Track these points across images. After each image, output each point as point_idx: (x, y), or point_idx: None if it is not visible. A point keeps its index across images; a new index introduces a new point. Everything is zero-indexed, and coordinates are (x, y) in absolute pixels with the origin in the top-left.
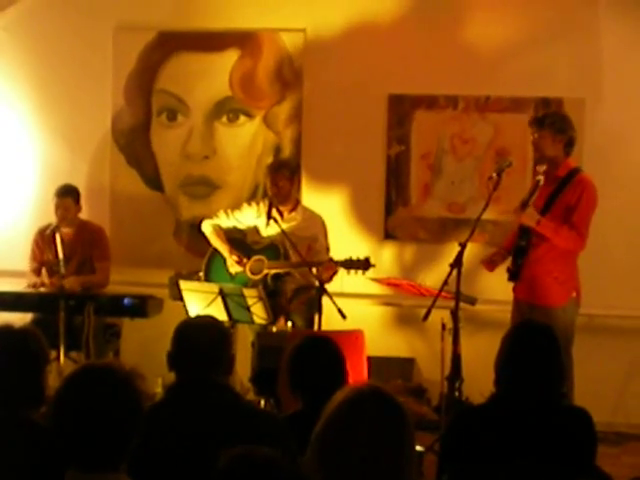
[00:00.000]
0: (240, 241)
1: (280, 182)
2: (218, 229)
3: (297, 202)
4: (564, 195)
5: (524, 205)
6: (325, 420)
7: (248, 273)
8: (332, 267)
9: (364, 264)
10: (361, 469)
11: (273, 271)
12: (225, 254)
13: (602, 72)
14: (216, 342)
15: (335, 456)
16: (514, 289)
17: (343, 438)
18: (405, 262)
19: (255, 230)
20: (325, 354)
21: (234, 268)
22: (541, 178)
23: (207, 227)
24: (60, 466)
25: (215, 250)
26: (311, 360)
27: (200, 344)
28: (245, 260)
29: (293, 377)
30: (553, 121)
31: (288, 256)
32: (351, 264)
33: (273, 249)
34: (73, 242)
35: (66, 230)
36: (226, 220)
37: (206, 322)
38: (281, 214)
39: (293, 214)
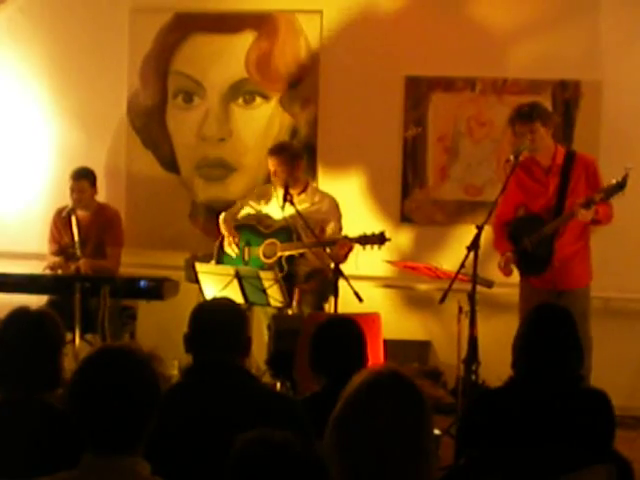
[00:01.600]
0: (251, 227)
1: (277, 167)
2: (229, 218)
3: (307, 183)
4: (574, 181)
5: (588, 204)
6: (343, 403)
7: (261, 257)
8: (347, 244)
9: (379, 238)
10: (379, 452)
11: (287, 253)
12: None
13: (620, 54)
14: (233, 324)
15: (353, 439)
16: (533, 279)
17: (361, 421)
18: (422, 245)
19: (266, 215)
20: (349, 335)
21: (230, 249)
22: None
23: (221, 218)
24: (76, 449)
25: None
26: (335, 340)
27: (217, 326)
28: (237, 240)
29: (315, 356)
30: (539, 112)
31: (301, 238)
32: (366, 239)
33: (285, 232)
34: (89, 225)
35: (83, 213)
36: (240, 209)
37: (223, 304)
38: (291, 196)
39: (303, 196)
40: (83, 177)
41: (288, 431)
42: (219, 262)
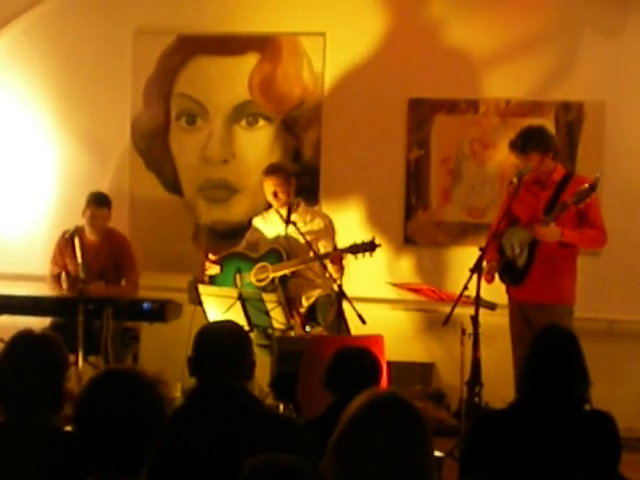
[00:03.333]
0: (239, 254)
1: (279, 186)
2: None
3: (298, 203)
4: (565, 197)
5: (563, 208)
6: (342, 427)
7: (254, 281)
8: (338, 256)
9: (370, 245)
10: (378, 474)
11: (279, 274)
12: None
13: (623, 74)
14: (237, 347)
15: (352, 463)
16: (515, 292)
17: (359, 444)
18: (425, 267)
19: (254, 241)
20: (372, 366)
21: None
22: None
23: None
24: (80, 471)
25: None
26: (356, 366)
27: (221, 349)
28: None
29: (332, 375)
30: (534, 145)
31: (292, 258)
32: (357, 248)
33: (274, 253)
34: (97, 249)
35: (92, 237)
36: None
37: (227, 327)
38: (282, 217)
39: (294, 215)
40: (106, 204)
41: (292, 454)
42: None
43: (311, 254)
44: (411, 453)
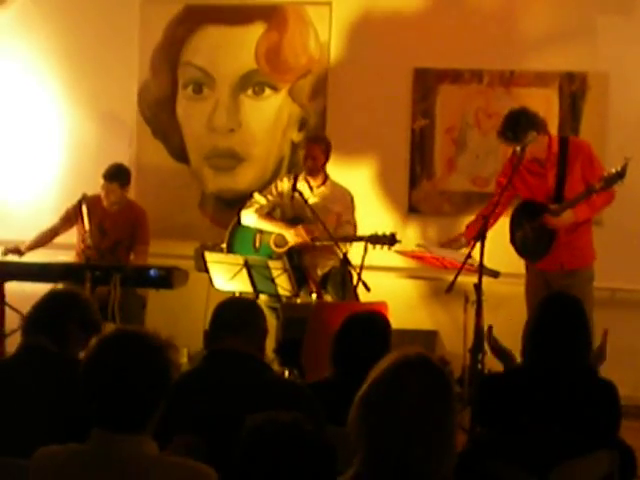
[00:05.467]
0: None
1: (316, 154)
2: (261, 211)
3: (326, 177)
4: (571, 167)
5: (589, 192)
6: (371, 382)
7: (272, 246)
8: (356, 241)
9: (390, 240)
10: (405, 431)
11: (298, 244)
12: (283, 231)
13: (627, 46)
14: (247, 314)
15: (380, 417)
16: (540, 262)
17: (386, 403)
18: (429, 235)
19: (280, 204)
20: (377, 333)
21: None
22: (596, 186)
23: (249, 215)
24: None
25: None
26: (361, 338)
27: (230, 315)
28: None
29: (338, 350)
30: (524, 130)
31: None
32: (377, 239)
33: (297, 222)
34: (116, 218)
35: (109, 208)
36: (264, 201)
37: (241, 299)
38: (311, 188)
39: (322, 188)
40: (115, 179)
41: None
42: (230, 251)
43: (330, 228)
44: (436, 416)
